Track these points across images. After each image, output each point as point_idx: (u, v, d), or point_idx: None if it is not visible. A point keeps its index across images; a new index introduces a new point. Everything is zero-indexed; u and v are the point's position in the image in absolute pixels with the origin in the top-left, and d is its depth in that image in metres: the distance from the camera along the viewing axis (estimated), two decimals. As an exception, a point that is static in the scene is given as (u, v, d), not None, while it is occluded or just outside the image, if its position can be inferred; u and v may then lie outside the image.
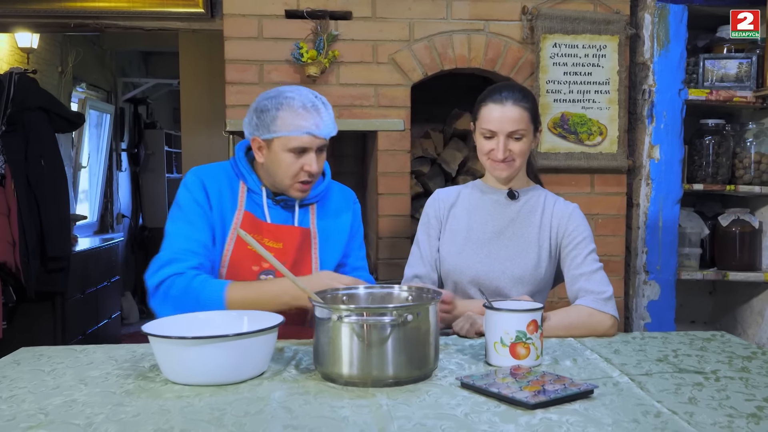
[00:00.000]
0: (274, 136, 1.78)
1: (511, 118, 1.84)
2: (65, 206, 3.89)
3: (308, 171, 1.79)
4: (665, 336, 1.76)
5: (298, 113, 1.76)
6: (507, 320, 1.47)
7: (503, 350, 1.46)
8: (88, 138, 6.00)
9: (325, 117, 1.80)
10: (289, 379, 1.40)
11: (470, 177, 3.36)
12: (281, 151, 1.78)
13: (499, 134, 1.85)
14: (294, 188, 1.83)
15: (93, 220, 6.14)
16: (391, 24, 2.92)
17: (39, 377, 1.43)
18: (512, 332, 1.46)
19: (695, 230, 3.04)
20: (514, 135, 1.85)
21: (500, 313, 1.49)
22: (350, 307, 1.39)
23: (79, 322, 4.53)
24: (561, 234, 1.91)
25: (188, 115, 5.08)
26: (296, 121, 1.76)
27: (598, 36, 2.90)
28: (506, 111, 1.84)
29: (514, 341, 1.46)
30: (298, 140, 1.77)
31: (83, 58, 5.70)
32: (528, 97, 1.89)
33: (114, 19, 3.26)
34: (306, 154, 1.79)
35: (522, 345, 1.46)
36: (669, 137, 2.94)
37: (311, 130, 1.77)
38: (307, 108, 1.77)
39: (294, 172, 1.80)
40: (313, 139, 1.78)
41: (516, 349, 1.46)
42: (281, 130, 1.77)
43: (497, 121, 1.85)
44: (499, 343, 1.47)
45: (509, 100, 1.85)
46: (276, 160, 1.80)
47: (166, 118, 7.98)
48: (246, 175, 1.87)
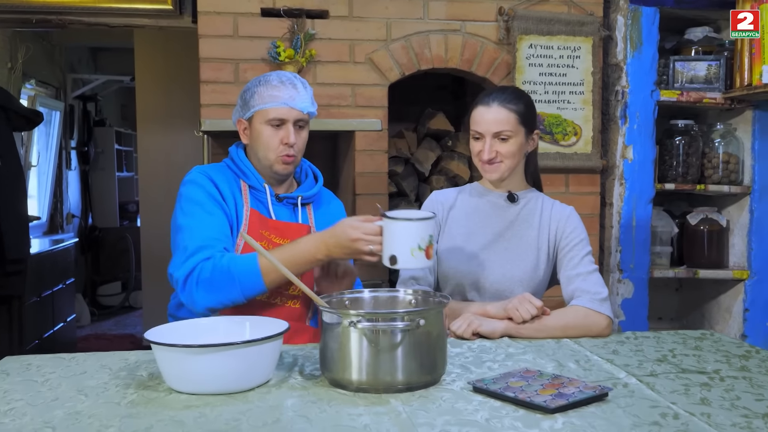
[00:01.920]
0: (254, 111, 1.86)
1: (496, 119, 1.87)
2: (24, 207, 3.76)
3: (287, 143, 1.84)
4: (657, 336, 1.79)
5: (274, 86, 1.85)
6: (423, 227, 1.56)
7: (419, 254, 1.55)
8: (37, 136, 5.80)
9: (301, 92, 1.87)
10: (296, 386, 1.38)
11: (443, 177, 3.37)
12: (260, 125, 1.85)
13: (485, 135, 1.88)
14: (277, 162, 1.87)
15: (43, 220, 5.95)
16: (368, 23, 2.91)
17: (34, 388, 1.38)
18: (426, 237, 1.55)
19: (666, 229, 3.11)
20: (500, 136, 1.87)
21: (416, 223, 1.56)
22: (361, 312, 1.38)
23: (35, 327, 4.38)
24: (559, 236, 1.93)
25: (144, 113, 4.96)
26: (272, 92, 1.84)
27: (573, 37, 2.94)
28: (491, 112, 1.88)
29: (428, 243, 1.56)
30: (274, 111, 1.84)
31: (32, 54, 5.51)
32: (518, 99, 1.91)
33: (78, 15, 3.17)
34: (284, 126, 1.84)
35: (430, 246, 1.56)
36: (642, 138, 3.00)
37: (287, 101, 1.83)
38: (283, 82, 1.86)
39: (274, 146, 1.85)
40: (290, 110, 1.84)
41: (429, 251, 1.56)
42: (259, 103, 1.85)
43: (483, 122, 1.89)
44: (416, 249, 1.54)
45: (495, 102, 1.89)
46: (257, 136, 1.86)
47: (115, 116, 7.81)
48: (248, 172, 1.90)
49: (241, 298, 1.71)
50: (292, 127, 1.85)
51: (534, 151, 2.00)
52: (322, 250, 1.67)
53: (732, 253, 3.15)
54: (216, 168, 1.92)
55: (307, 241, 1.71)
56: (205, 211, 1.80)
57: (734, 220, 3.15)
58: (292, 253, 1.69)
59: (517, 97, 1.91)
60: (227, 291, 1.70)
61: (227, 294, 1.70)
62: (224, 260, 1.71)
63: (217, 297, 1.71)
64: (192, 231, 1.76)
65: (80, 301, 6.15)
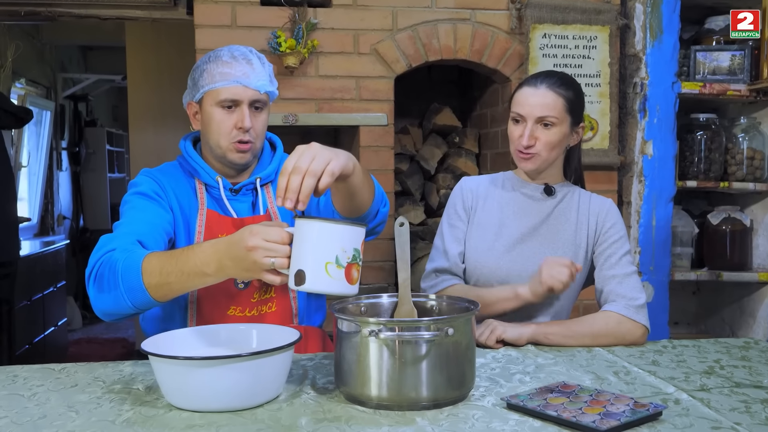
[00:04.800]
0: (204, 91, 1.60)
1: (542, 103, 1.71)
2: (13, 208, 3.63)
3: (241, 128, 1.59)
4: (697, 344, 1.65)
5: (226, 62, 1.59)
6: (345, 235, 1.18)
7: (337, 273, 1.17)
8: (27, 136, 5.68)
9: (257, 68, 1.61)
10: (310, 401, 1.24)
11: (450, 175, 3.24)
12: (211, 107, 1.60)
13: (527, 119, 1.73)
14: (230, 150, 1.62)
15: (34, 222, 5.82)
16: (373, 12, 2.76)
17: (20, 404, 1.25)
18: (349, 250, 1.18)
19: (686, 229, 2.98)
20: (543, 121, 1.72)
21: (337, 226, 1.19)
22: (381, 320, 1.23)
23: (25, 331, 4.25)
24: (598, 231, 1.78)
25: (136, 112, 4.83)
26: (223, 69, 1.58)
27: (589, 26, 2.81)
28: (538, 95, 1.72)
29: (351, 261, 1.18)
30: (226, 91, 1.58)
31: (22, 53, 5.36)
32: (569, 84, 1.76)
33: (68, 6, 3.04)
34: (238, 108, 1.59)
35: (356, 267, 1.19)
36: (662, 132, 2.86)
37: (240, 79, 1.58)
38: (235, 57, 1.60)
39: (227, 130, 1.60)
40: (244, 89, 1.58)
41: (351, 272, 1.18)
42: (208, 83, 1.59)
43: (527, 105, 1.73)
44: (333, 264, 1.16)
45: (544, 84, 1.73)
46: (208, 120, 1.61)
47: (106, 116, 7.71)
48: (198, 168, 1.66)
49: (128, 303, 1.38)
50: (247, 109, 1.59)
51: (577, 147, 1.85)
52: (212, 263, 1.28)
53: (756, 255, 3.01)
54: (165, 168, 1.70)
55: (204, 248, 1.31)
56: (135, 209, 1.57)
57: (758, 220, 3.01)
58: (185, 260, 1.32)
59: (567, 82, 1.76)
60: (112, 289, 1.38)
61: (113, 294, 1.38)
62: (117, 254, 1.41)
63: (105, 297, 1.40)
64: (115, 230, 1.54)
65: (71, 305, 6.01)
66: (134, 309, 1.40)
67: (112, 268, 1.38)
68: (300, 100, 2.72)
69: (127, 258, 1.38)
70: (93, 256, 1.45)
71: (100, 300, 1.41)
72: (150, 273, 1.35)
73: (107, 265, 1.40)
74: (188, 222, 1.63)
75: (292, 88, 2.71)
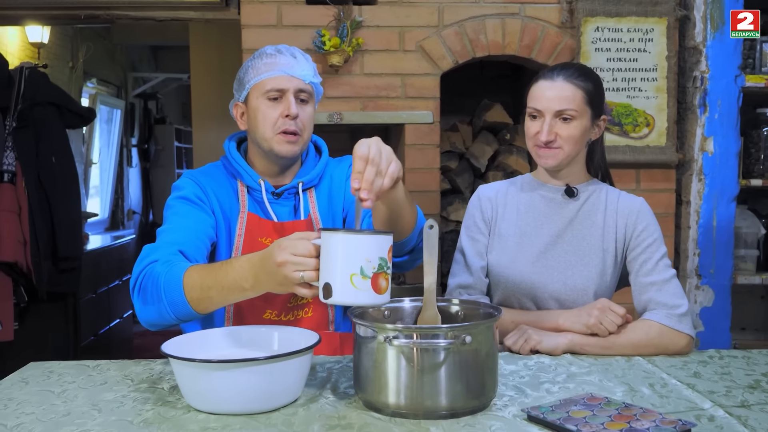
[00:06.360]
0: (249, 86, 1.63)
1: (559, 96, 1.63)
2: (77, 205, 3.75)
3: (288, 115, 1.58)
4: (747, 356, 1.55)
5: (270, 55, 1.62)
6: (368, 245, 1.16)
7: (363, 284, 1.16)
8: (98, 134, 5.91)
9: (301, 60, 1.63)
10: (327, 406, 1.22)
11: (501, 173, 3.17)
12: (257, 100, 1.61)
13: (545, 113, 1.64)
14: (277, 141, 1.60)
15: (104, 217, 6.04)
16: (418, 9, 2.74)
17: (48, 400, 1.28)
18: (375, 260, 1.16)
19: (751, 230, 2.83)
20: (562, 115, 1.63)
21: (360, 236, 1.17)
22: (398, 326, 1.20)
23: (91, 323, 4.41)
24: (628, 234, 1.68)
25: (199, 109, 4.94)
26: (268, 61, 1.61)
27: (645, 18, 2.70)
28: (555, 88, 1.64)
29: (377, 271, 1.16)
30: (272, 81, 1.59)
31: (93, 53, 5.56)
32: (586, 76, 1.67)
33: (125, 9, 3.13)
34: (283, 98, 1.60)
35: (383, 276, 1.17)
36: (724, 128, 2.73)
37: (285, 69, 1.59)
38: (280, 50, 1.63)
39: (273, 120, 1.60)
40: (289, 78, 1.59)
41: (378, 282, 1.17)
42: (255, 77, 1.62)
43: (544, 99, 1.64)
44: (358, 276, 1.15)
45: (561, 76, 1.65)
46: (255, 114, 1.62)
47: (175, 114, 7.91)
48: (241, 170, 1.66)
49: (172, 315, 1.42)
50: (292, 98, 1.59)
51: (599, 140, 1.75)
52: (249, 278, 1.30)
53: (828, 257, 2.84)
54: (208, 169, 1.71)
55: (242, 263, 1.33)
56: (178, 215, 1.58)
57: (830, 220, 2.84)
58: (224, 275, 1.34)
59: (584, 73, 1.68)
60: (156, 302, 1.42)
61: (157, 307, 1.42)
62: (159, 267, 1.44)
63: (149, 309, 1.44)
64: (158, 237, 1.56)
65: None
66: (177, 320, 1.45)
67: (155, 281, 1.42)
68: (345, 99, 2.71)
69: (169, 272, 1.42)
70: (136, 267, 1.48)
71: (145, 312, 1.46)
72: (191, 287, 1.37)
73: (150, 277, 1.44)
74: (229, 224, 1.64)
75: (337, 87, 2.70)
